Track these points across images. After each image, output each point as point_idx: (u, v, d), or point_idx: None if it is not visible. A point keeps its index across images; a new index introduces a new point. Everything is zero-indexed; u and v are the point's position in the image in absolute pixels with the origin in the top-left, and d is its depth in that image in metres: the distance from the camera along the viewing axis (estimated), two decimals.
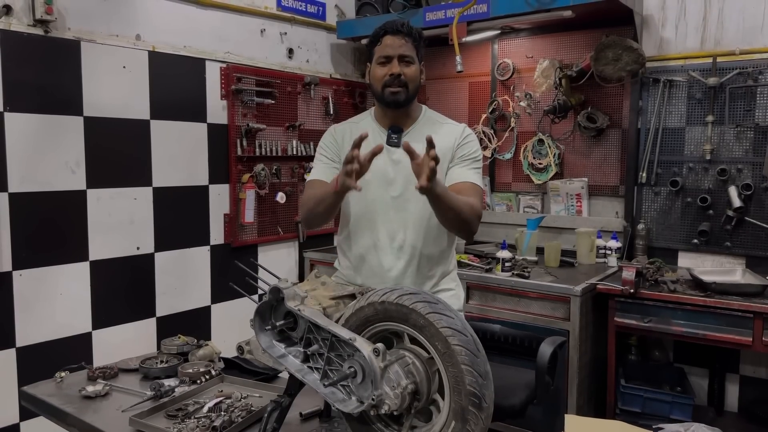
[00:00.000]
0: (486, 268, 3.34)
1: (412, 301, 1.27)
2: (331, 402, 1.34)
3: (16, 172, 2.69)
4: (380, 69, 1.92)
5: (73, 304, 2.92)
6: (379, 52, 1.92)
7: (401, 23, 1.92)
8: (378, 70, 1.92)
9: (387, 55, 1.90)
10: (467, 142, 1.97)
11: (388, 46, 1.90)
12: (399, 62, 1.89)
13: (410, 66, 1.91)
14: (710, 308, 2.81)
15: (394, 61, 1.89)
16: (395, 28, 1.90)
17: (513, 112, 3.99)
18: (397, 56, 1.89)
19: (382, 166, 1.91)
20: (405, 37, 1.90)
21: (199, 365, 2.02)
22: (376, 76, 1.93)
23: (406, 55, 1.90)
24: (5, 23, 2.61)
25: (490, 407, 1.22)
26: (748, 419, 3.22)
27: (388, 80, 1.89)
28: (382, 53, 1.91)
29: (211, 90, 3.43)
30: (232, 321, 3.59)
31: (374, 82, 1.94)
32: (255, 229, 3.71)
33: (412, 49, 1.91)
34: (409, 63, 1.90)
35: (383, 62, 1.91)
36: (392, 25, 1.91)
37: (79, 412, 1.77)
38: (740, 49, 3.24)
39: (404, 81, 1.89)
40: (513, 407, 2.22)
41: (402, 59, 1.89)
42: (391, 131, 1.94)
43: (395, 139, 1.92)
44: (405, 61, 1.90)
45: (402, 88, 1.89)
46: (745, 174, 3.25)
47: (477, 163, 1.97)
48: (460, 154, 1.95)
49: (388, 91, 1.90)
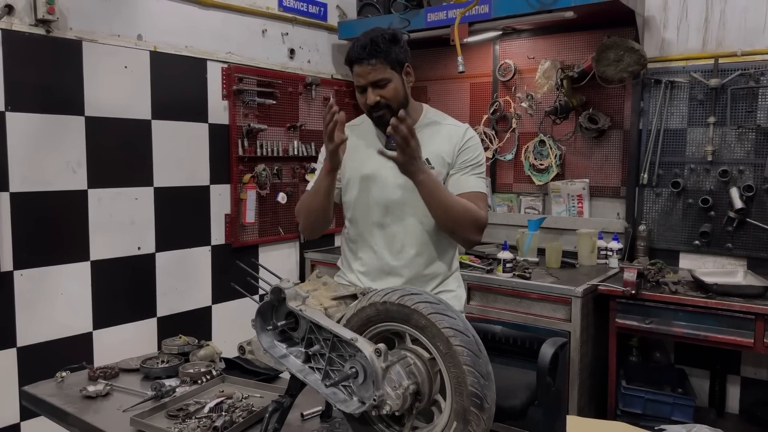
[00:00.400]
0: (487, 269, 3.34)
1: (414, 302, 1.27)
2: (332, 402, 1.34)
3: (18, 171, 2.69)
4: (360, 96, 1.89)
5: (73, 304, 2.92)
6: (355, 80, 1.88)
7: (363, 46, 1.83)
8: (359, 96, 1.90)
9: (360, 84, 1.87)
10: (469, 146, 1.93)
11: (359, 76, 1.85)
12: (373, 88, 1.85)
13: (387, 87, 1.85)
14: (711, 309, 2.81)
15: (368, 90, 1.85)
16: (359, 56, 1.83)
17: (514, 112, 3.99)
18: (369, 84, 1.85)
19: (381, 170, 1.91)
20: (370, 61, 1.82)
21: (200, 365, 2.02)
22: (359, 101, 1.91)
23: (378, 79, 1.84)
24: (7, 23, 2.61)
25: (491, 408, 1.21)
26: (749, 421, 3.22)
27: (369, 108, 1.88)
28: (357, 83, 1.88)
29: (212, 90, 3.44)
30: (233, 321, 3.59)
31: (361, 106, 1.93)
32: (256, 229, 3.71)
33: (384, 67, 1.84)
34: (384, 85, 1.85)
35: (361, 90, 1.88)
36: (356, 53, 1.84)
37: (80, 412, 1.76)
38: (742, 50, 3.24)
39: (383, 104, 1.85)
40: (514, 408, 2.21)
41: (375, 85, 1.84)
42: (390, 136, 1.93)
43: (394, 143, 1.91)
44: (379, 85, 1.85)
45: (385, 110, 1.86)
46: (746, 175, 3.24)
47: (479, 168, 1.95)
48: (461, 159, 1.92)
49: (374, 116, 1.89)
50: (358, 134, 1.99)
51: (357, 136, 1.99)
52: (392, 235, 1.93)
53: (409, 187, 1.89)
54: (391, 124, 1.65)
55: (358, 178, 1.95)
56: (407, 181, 1.89)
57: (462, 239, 1.90)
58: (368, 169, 1.94)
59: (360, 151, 1.96)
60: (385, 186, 1.92)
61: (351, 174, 1.97)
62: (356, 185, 1.96)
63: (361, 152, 1.95)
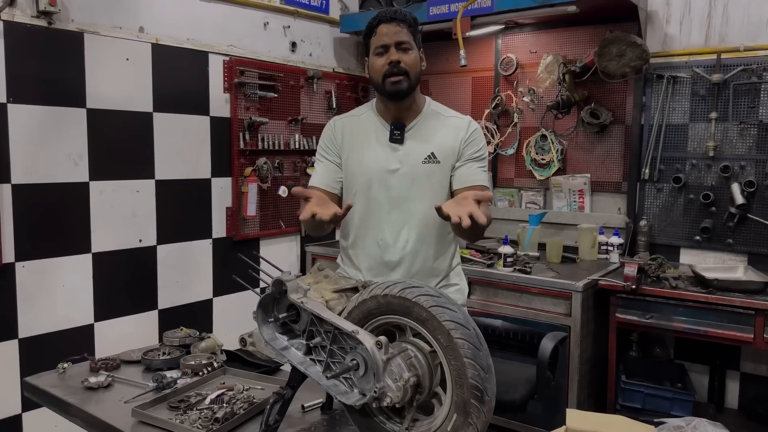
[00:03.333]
0: (488, 264, 3.35)
1: (415, 295, 1.27)
2: (333, 394, 1.34)
3: (20, 163, 2.69)
4: (378, 59, 1.84)
5: (75, 296, 2.93)
6: (375, 42, 1.85)
7: (394, 10, 1.86)
8: (376, 60, 1.85)
9: (383, 44, 1.83)
10: (474, 138, 1.92)
11: (384, 35, 1.82)
12: (396, 49, 1.82)
13: (408, 53, 1.84)
14: (712, 305, 2.81)
15: (391, 49, 1.82)
16: (389, 16, 1.83)
17: (516, 107, 3.98)
18: (393, 44, 1.82)
19: (385, 163, 1.89)
20: (400, 23, 1.83)
21: (201, 357, 2.02)
22: (375, 67, 1.85)
23: (403, 41, 1.83)
24: (9, 15, 2.61)
25: (492, 401, 1.22)
26: (748, 416, 3.22)
27: (387, 70, 1.82)
28: (379, 43, 1.84)
29: (213, 83, 3.43)
30: (234, 314, 3.60)
31: (374, 75, 1.88)
32: (257, 222, 3.71)
33: (409, 35, 1.84)
34: (407, 49, 1.83)
35: (380, 52, 1.84)
36: (385, 13, 1.85)
37: (82, 403, 1.77)
38: (745, 45, 3.23)
39: (404, 68, 1.82)
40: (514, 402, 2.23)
41: (399, 46, 1.82)
42: (394, 127, 1.90)
43: (398, 135, 1.89)
44: (402, 48, 1.83)
45: (403, 76, 1.82)
46: (748, 171, 3.24)
47: (483, 161, 1.94)
48: (467, 152, 1.90)
49: (389, 81, 1.82)
50: (359, 125, 1.96)
51: (358, 127, 1.96)
52: (395, 229, 1.91)
53: (411, 181, 1.88)
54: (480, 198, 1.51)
55: (360, 171, 1.93)
56: (410, 175, 1.88)
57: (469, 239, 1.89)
58: (371, 163, 1.91)
59: (362, 143, 1.93)
60: (388, 180, 1.90)
61: (353, 167, 1.94)
62: (358, 179, 1.93)
63: (364, 145, 1.93)
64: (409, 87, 1.85)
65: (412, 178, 1.88)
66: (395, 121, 1.91)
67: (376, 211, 1.93)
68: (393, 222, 1.92)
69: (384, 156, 1.90)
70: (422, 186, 1.89)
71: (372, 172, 1.91)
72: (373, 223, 1.94)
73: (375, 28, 1.86)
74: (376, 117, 1.96)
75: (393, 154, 1.90)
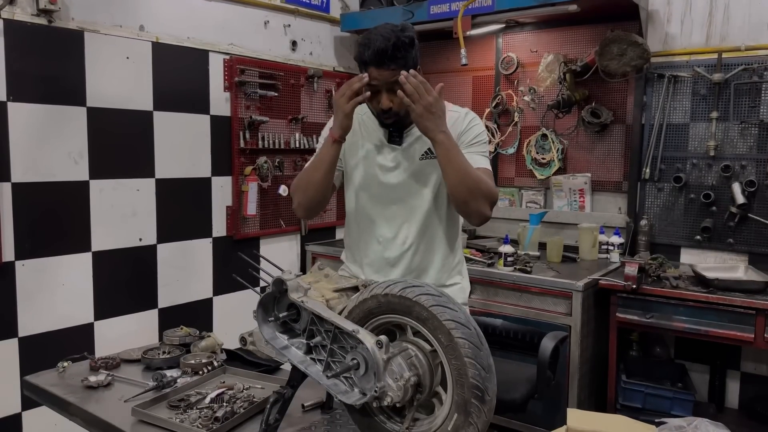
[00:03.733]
0: (488, 263, 3.34)
1: (416, 294, 1.27)
2: (333, 394, 1.34)
3: (20, 162, 2.69)
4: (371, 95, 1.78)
5: (75, 295, 2.92)
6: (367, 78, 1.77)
7: (383, 51, 1.73)
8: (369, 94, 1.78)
9: (374, 85, 1.78)
10: (471, 126, 1.90)
11: (374, 78, 1.76)
12: (388, 92, 1.78)
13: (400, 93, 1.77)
14: (712, 305, 2.81)
15: (382, 93, 1.78)
16: (378, 61, 1.74)
17: (517, 106, 3.98)
18: (384, 86, 1.77)
19: (383, 162, 1.90)
20: (390, 66, 1.74)
21: (201, 356, 2.02)
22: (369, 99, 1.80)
23: (394, 82, 1.75)
24: (9, 13, 2.61)
25: (492, 400, 1.22)
26: (748, 416, 3.22)
27: (380, 111, 1.82)
28: (370, 81, 1.77)
29: (214, 82, 3.43)
30: (234, 313, 3.59)
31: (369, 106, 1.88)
32: (257, 221, 3.71)
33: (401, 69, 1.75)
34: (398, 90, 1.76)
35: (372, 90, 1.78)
36: (374, 56, 1.74)
37: (82, 402, 1.77)
38: (746, 45, 3.23)
39: (395, 112, 1.80)
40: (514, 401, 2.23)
41: (390, 88, 1.77)
42: (393, 129, 1.90)
43: (396, 137, 1.90)
44: (393, 90, 1.75)
45: (395, 116, 1.82)
46: (749, 170, 3.24)
47: (483, 146, 1.90)
48: (465, 139, 1.88)
49: (383, 118, 1.84)
50: (359, 124, 1.96)
51: (359, 126, 1.96)
52: (395, 225, 1.92)
53: (410, 178, 1.89)
54: (399, 80, 1.68)
55: (360, 167, 1.93)
56: (408, 172, 1.88)
57: (474, 211, 1.80)
58: (371, 159, 1.92)
59: (363, 140, 1.94)
60: (387, 177, 1.91)
61: (353, 163, 1.95)
62: (359, 175, 1.94)
63: (364, 141, 1.94)
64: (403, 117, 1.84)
65: (411, 174, 1.89)
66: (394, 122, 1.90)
67: (376, 208, 1.94)
68: (392, 219, 1.92)
69: (383, 154, 1.91)
70: (420, 182, 1.90)
71: (371, 170, 1.92)
72: (373, 221, 1.95)
73: (365, 67, 1.79)
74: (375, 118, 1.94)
75: (391, 153, 1.91)
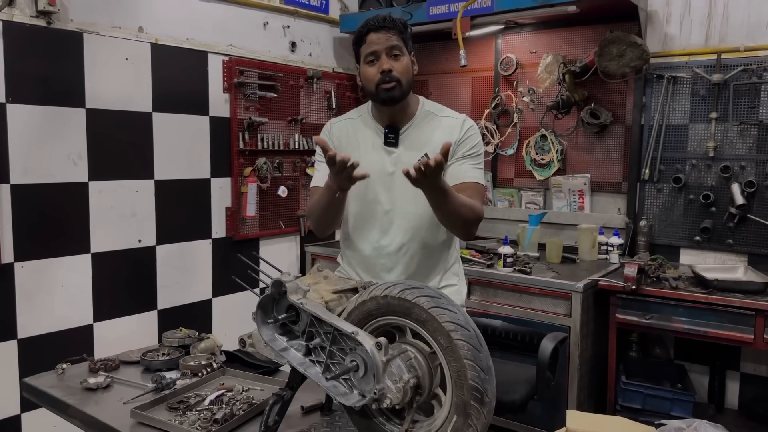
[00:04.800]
0: (487, 264, 3.34)
1: (415, 296, 1.27)
2: (332, 395, 1.34)
3: (19, 163, 2.69)
4: (369, 68, 1.83)
5: (74, 296, 2.92)
6: (366, 50, 1.84)
7: (382, 17, 1.83)
8: (367, 69, 1.84)
9: (374, 51, 1.82)
10: (468, 136, 1.90)
11: (374, 43, 1.81)
12: (387, 57, 1.81)
13: (400, 59, 1.83)
14: (712, 305, 2.81)
15: (382, 57, 1.81)
16: (377, 24, 1.82)
17: (516, 107, 3.98)
18: (384, 51, 1.81)
19: (380, 166, 1.89)
20: (389, 31, 1.81)
21: (201, 358, 2.02)
22: (367, 76, 1.84)
23: (393, 46, 1.81)
24: (8, 14, 2.60)
25: (492, 402, 1.21)
26: (748, 417, 3.22)
27: (379, 78, 1.81)
28: (369, 50, 1.83)
29: (213, 83, 3.43)
30: (233, 314, 3.59)
31: (366, 83, 1.87)
32: (256, 222, 3.71)
33: (399, 40, 1.83)
34: (398, 56, 1.83)
35: (371, 60, 1.83)
36: (374, 21, 1.83)
37: (81, 404, 1.77)
38: (745, 45, 3.23)
39: (396, 76, 1.81)
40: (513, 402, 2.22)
41: (390, 53, 1.82)
42: (388, 131, 1.90)
43: (392, 138, 1.90)
44: (393, 54, 1.82)
45: (395, 83, 1.81)
46: (748, 171, 3.24)
47: (478, 158, 1.92)
48: (461, 151, 1.89)
49: (382, 88, 1.82)
50: (354, 129, 1.97)
51: (354, 130, 1.97)
52: (390, 231, 1.91)
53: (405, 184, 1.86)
54: (415, 167, 1.57)
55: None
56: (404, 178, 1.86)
57: (460, 234, 1.89)
58: (367, 164, 1.89)
59: (357, 147, 1.93)
60: (383, 183, 1.90)
61: None
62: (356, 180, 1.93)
63: (360, 146, 1.94)
64: (402, 93, 1.84)
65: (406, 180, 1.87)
66: (389, 124, 1.91)
67: (372, 214, 1.93)
68: (388, 225, 1.92)
69: (379, 159, 1.91)
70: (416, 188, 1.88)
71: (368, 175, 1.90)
72: (368, 226, 1.94)
73: (364, 37, 1.84)
74: (371, 120, 1.96)
75: (387, 158, 1.91)
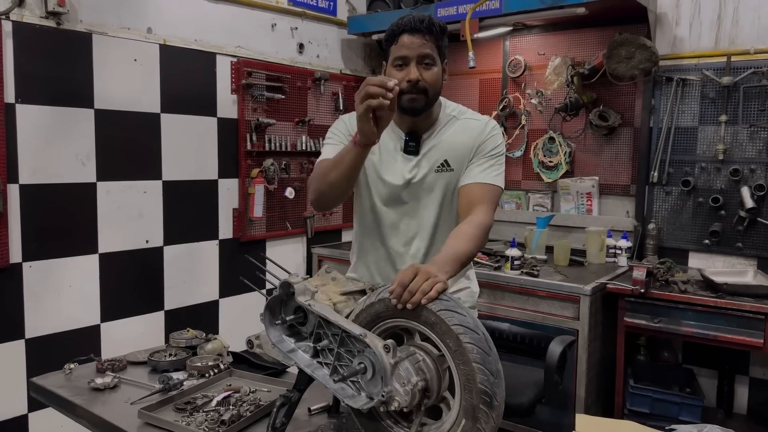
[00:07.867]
0: (495, 266, 3.33)
1: None
2: (340, 398, 1.33)
3: (27, 163, 2.70)
4: (397, 73, 1.70)
5: (82, 297, 2.93)
6: (396, 52, 1.71)
7: (420, 19, 1.68)
8: (394, 73, 1.71)
9: (404, 56, 1.69)
10: (491, 136, 1.83)
11: (406, 47, 1.68)
12: (418, 64, 1.69)
13: (431, 69, 1.71)
14: (721, 309, 2.78)
15: (411, 65, 1.69)
16: (414, 26, 1.67)
17: (524, 109, 3.97)
18: (415, 58, 1.69)
19: (398, 174, 1.84)
20: (425, 35, 1.68)
21: (208, 359, 2.02)
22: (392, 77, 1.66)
23: (426, 55, 1.69)
24: (18, 15, 2.62)
25: (501, 406, 1.21)
26: (757, 422, 3.19)
27: (405, 87, 1.68)
28: (399, 53, 1.70)
29: (221, 84, 3.44)
30: (240, 315, 3.60)
31: None
32: (263, 224, 3.71)
33: (434, 48, 1.70)
34: (429, 65, 1.70)
35: (400, 65, 1.70)
36: (410, 22, 1.68)
37: (88, 404, 1.77)
38: (755, 48, 3.21)
39: (423, 87, 1.70)
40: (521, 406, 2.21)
41: (421, 61, 1.69)
42: (408, 138, 1.82)
43: (412, 147, 1.82)
44: (425, 63, 1.70)
45: (420, 95, 1.70)
46: (758, 174, 3.21)
47: (500, 158, 1.83)
48: (484, 149, 1.82)
49: (405, 98, 1.70)
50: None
51: None
52: (405, 231, 1.89)
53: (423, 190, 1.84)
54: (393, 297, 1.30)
55: (371, 181, 1.88)
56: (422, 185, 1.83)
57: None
58: (380, 165, 1.87)
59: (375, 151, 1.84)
60: (400, 190, 1.85)
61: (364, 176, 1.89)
62: (369, 188, 1.89)
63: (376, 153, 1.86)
64: (425, 105, 1.75)
65: (424, 187, 1.83)
66: (410, 131, 1.83)
67: (388, 220, 1.89)
68: (404, 232, 1.88)
69: (397, 166, 1.84)
70: (434, 194, 1.84)
71: (384, 183, 1.86)
72: (384, 233, 1.90)
73: (397, 37, 1.71)
74: (392, 123, 1.84)
75: (406, 165, 1.84)
